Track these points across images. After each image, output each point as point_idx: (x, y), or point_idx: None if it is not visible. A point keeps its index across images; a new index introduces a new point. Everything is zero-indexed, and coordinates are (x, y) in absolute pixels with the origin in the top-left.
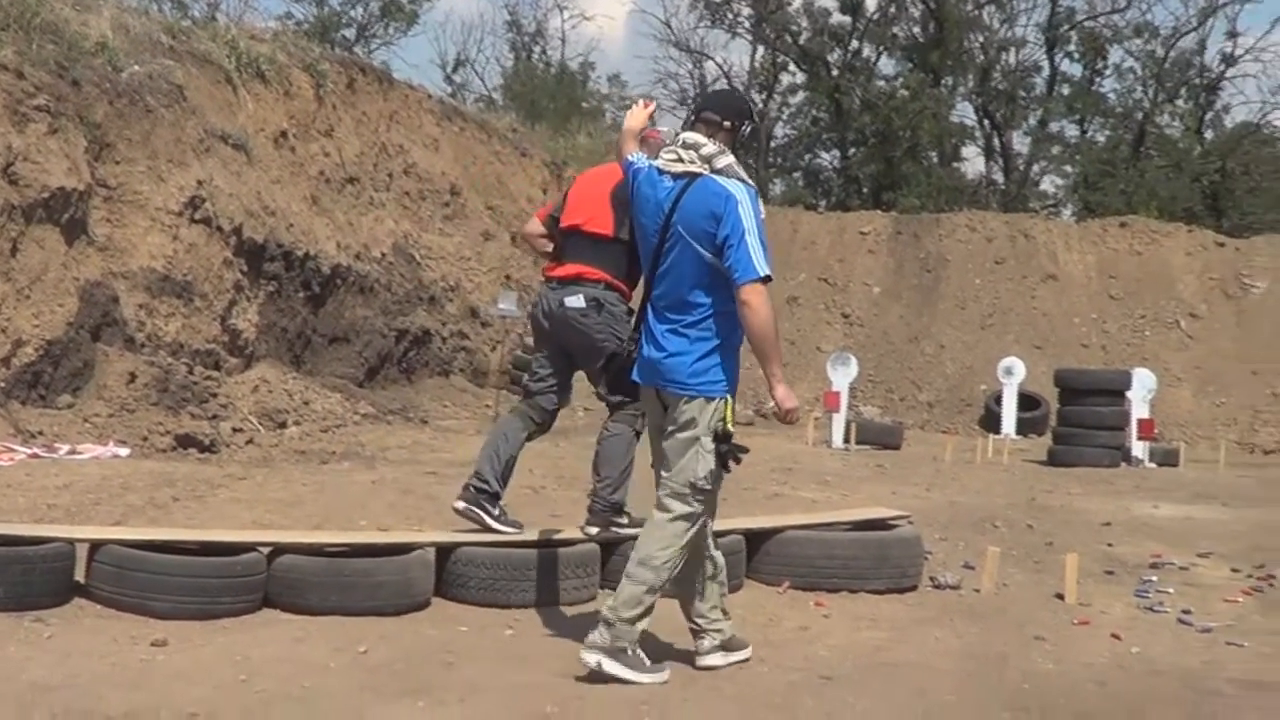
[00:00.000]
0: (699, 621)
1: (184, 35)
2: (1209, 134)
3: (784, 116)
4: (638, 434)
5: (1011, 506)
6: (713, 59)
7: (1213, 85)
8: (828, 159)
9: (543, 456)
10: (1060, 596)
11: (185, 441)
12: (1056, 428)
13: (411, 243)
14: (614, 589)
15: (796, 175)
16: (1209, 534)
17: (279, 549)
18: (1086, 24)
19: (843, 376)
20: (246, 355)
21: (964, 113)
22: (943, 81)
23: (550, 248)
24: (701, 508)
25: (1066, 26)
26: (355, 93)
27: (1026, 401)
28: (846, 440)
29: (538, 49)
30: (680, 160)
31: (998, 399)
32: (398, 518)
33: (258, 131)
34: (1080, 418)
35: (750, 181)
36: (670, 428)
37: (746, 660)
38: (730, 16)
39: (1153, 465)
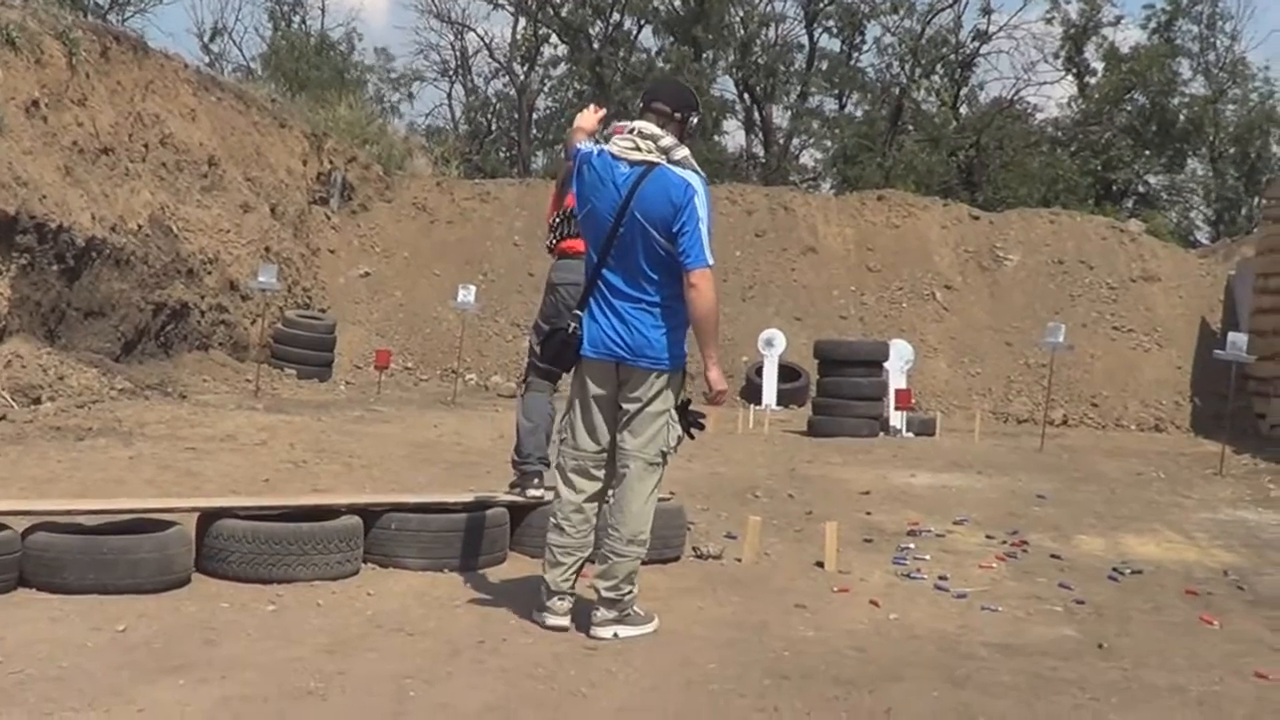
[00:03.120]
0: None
1: None
2: (964, 110)
3: (546, 89)
4: None
5: (773, 476)
6: (474, 30)
7: (967, 61)
8: None
9: (304, 431)
10: (820, 565)
11: None
12: (816, 398)
13: (169, 215)
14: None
15: (559, 148)
16: (964, 502)
17: (34, 525)
18: (845, 0)
19: None
20: None
21: (724, 87)
22: (704, 55)
23: None
24: (662, 472)
25: (826, 2)
26: (109, 61)
27: (787, 373)
28: None
29: (297, 18)
30: (638, 149)
31: (758, 370)
32: (157, 494)
33: (8, 101)
34: (839, 388)
35: (702, 173)
36: (635, 403)
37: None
38: None
39: (910, 435)
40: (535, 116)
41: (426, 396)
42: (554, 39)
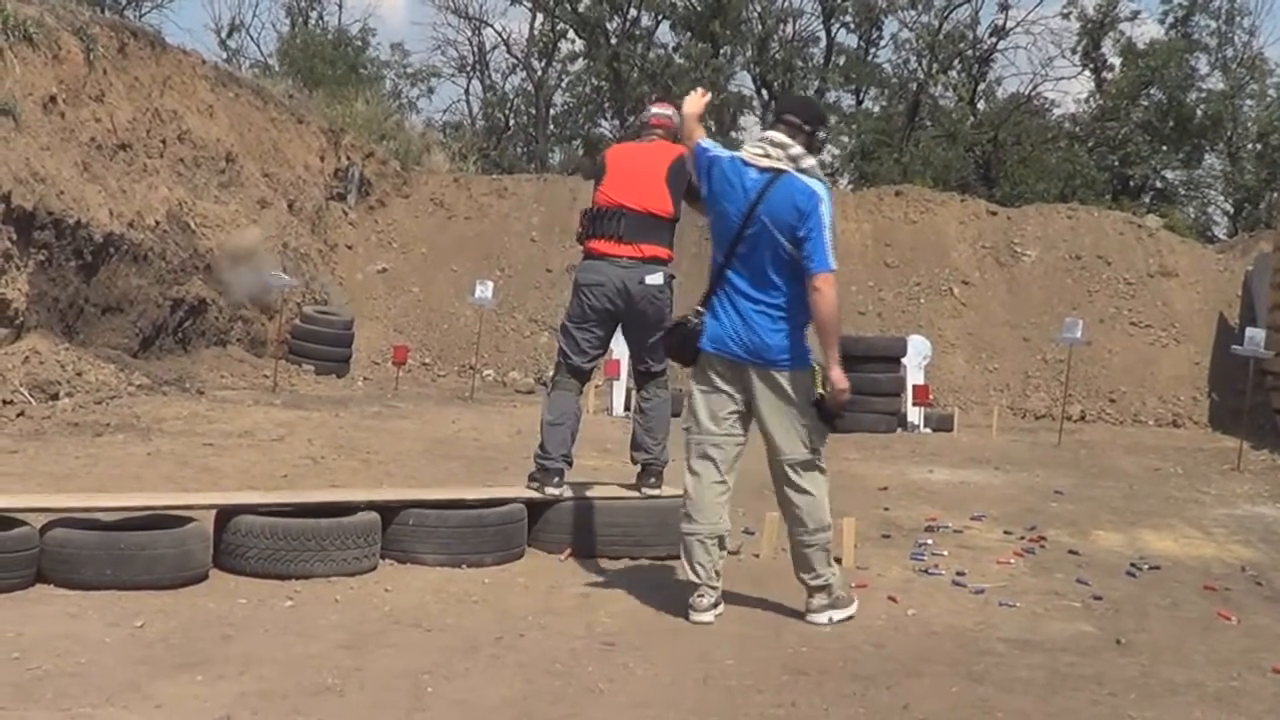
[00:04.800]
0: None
1: None
2: (981, 105)
3: (563, 84)
4: (671, 397)
5: None
6: (492, 26)
7: (985, 57)
8: (608, 127)
9: (322, 427)
10: (838, 560)
11: None
12: None
13: (186, 210)
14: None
15: (576, 143)
16: (982, 497)
17: (52, 521)
18: None
19: (624, 345)
20: (16, 326)
21: (742, 82)
22: (721, 51)
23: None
24: (825, 462)
25: None
26: (127, 57)
27: None
28: (627, 408)
29: (314, 14)
30: (768, 156)
31: None
32: (174, 490)
33: (26, 97)
34: (857, 384)
35: (827, 182)
36: (767, 404)
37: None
38: None
39: (928, 430)
40: (553, 112)
41: (444, 392)
42: (571, 34)
